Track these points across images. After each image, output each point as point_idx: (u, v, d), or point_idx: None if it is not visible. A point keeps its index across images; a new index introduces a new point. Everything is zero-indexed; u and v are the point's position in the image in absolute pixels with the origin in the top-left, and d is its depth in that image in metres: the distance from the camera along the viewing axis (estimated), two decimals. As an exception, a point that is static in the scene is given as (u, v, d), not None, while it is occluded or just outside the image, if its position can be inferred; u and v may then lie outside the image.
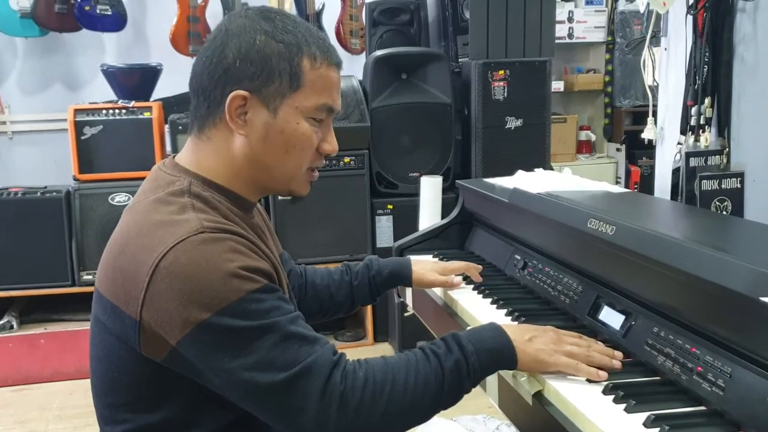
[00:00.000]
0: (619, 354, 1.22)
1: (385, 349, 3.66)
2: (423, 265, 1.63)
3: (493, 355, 1.12)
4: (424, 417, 1.07)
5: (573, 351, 1.17)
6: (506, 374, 1.26)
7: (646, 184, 4.36)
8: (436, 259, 1.70)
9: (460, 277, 1.63)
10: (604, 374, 1.15)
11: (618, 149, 4.58)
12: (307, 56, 1.12)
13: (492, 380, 1.34)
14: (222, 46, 1.11)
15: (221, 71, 1.11)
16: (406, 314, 1.98)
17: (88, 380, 1.22)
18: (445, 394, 1.07)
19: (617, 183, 4.47)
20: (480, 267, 1.69)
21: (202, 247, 1.01)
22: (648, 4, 2.04)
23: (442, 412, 1.10)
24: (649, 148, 2.81)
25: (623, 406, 1.07)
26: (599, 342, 1.25)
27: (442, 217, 2.51)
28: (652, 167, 4.32)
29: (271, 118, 1.11)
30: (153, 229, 1.04)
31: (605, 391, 1.12)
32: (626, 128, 4.57)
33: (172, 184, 1.12)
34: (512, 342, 1.14)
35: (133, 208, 1.13)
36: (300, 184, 1.20)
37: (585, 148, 4.64)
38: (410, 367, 1.05)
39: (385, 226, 3.62)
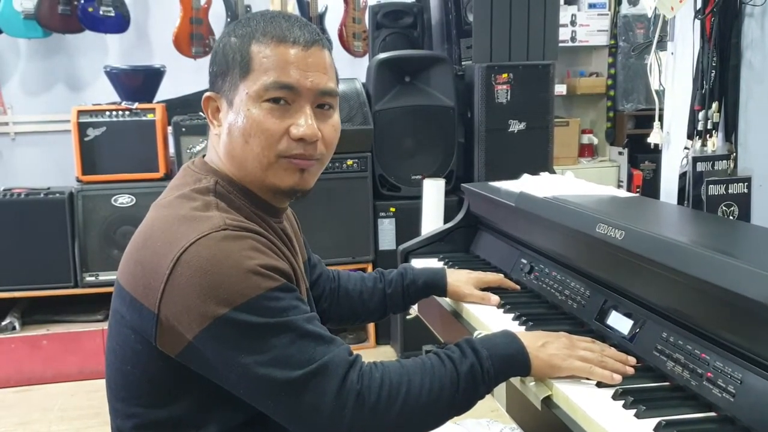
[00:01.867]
0: (632, 359, 1.22)
1: (387, 352, 3.65)
2: (458, 276, 1.60)
3: (507, 360, 1.12)
4: (438, 421, 1.07)
5: (586, 356, 1.17)
6: (515, 378, 1.26)
7: (649, 188, 4.36)
8: (469, 270, 1.67)
9: (497, 296, 1.57)
10: (618, 377, 1.15)
11: (620, 153, 4.58)
12: (255, 41, 1.11)
13: (500, 385, 1.34)
14: None
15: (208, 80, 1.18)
16: (408, 317, 1.97)
17: (91, 381, 1.23)
18: (460, 398, 1.07)
19: (619, 186, 4.47)
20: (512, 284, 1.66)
21: (224, 243, 1.01)
22: (655, 8, 2.04)
23: (449, 417, 1.09)
24: (652, 152, 2.80)
25: (633, 411, 1.07)
26: (611, 347, 1.25)
27: (445, 220, 2.51)
28: (655, 171, 4.33)
29: (230, 110, 1.13)
30: (176, 224, 1.05)
31: (615, 396, 1.11)
32: (628, 132, 4.57)
33: (198, 182, 1.13)
34: (526, 348, 1.14)
35: (159, 204, 1.15)
36: (279, 176, 1.13)
37: (587, 151, 4.64)
38: (426, 370, 1.05)
39: (387, 229, 3.62)
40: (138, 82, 3.71)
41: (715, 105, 1.99)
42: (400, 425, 1.02)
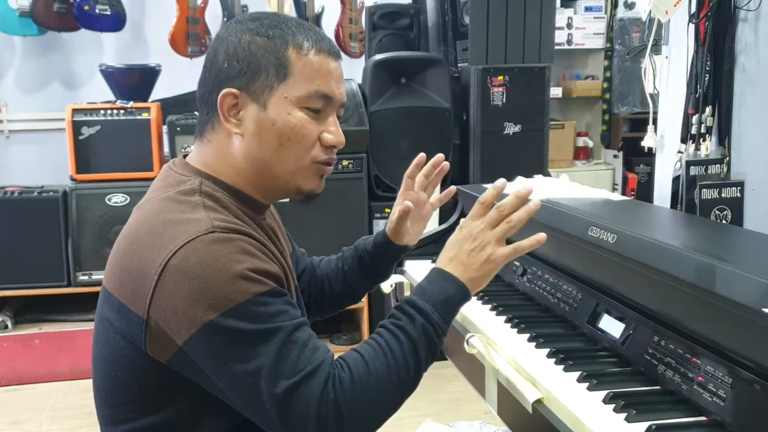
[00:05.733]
0: (522, 191, 1.15)
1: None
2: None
3: (449, 303, 1.11)
4: (414, 385, 1.08)
5: (499, 234, 1.14)
6: (506, 382, 1.26)
7: (644, 192, 4.36)
8: None
9: (408, 203, 1.49)
10: (542, 236, 1.14)
11: (615, 156, 4.58)
12: (293, 46, 1.11)
13: (491, 388, 1.34)
14: (214, 52, 1.14)
15: (214, 75, 1.13)
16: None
17: (83, 381, 1.22)
18: (423, 359, 1.07)
19: (614, 190, 4.47)
20: (422, 156, 1.57)
21: (212, 246, 1.00)
22: (650, 11, 2.05)
23: (438, 418, 1.09)
24: (647, 155, 2.81)
25: (624, 415, 1.07)
26: (505, 200, 1.15)
27: (439, 222, 2.50)
28: (650, 174, 4.33)
29: (262, 112, 1.11)
30: (163, 228, 1.04)
31: (606, 400, 1.12)
32: (624, 135, 4.57)
33: (182, 183, 1.12)
34: (459, 280, 1.12)
35: (142, 207, 1.13)
36: (306, 180, 1.16)
37: (582, 154, 4.64)
38: (385, 352, 1.05)
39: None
40: (133, 81, 3.70)
41: (708, 109, 1.99)
42: (379, 410, 1.03)
